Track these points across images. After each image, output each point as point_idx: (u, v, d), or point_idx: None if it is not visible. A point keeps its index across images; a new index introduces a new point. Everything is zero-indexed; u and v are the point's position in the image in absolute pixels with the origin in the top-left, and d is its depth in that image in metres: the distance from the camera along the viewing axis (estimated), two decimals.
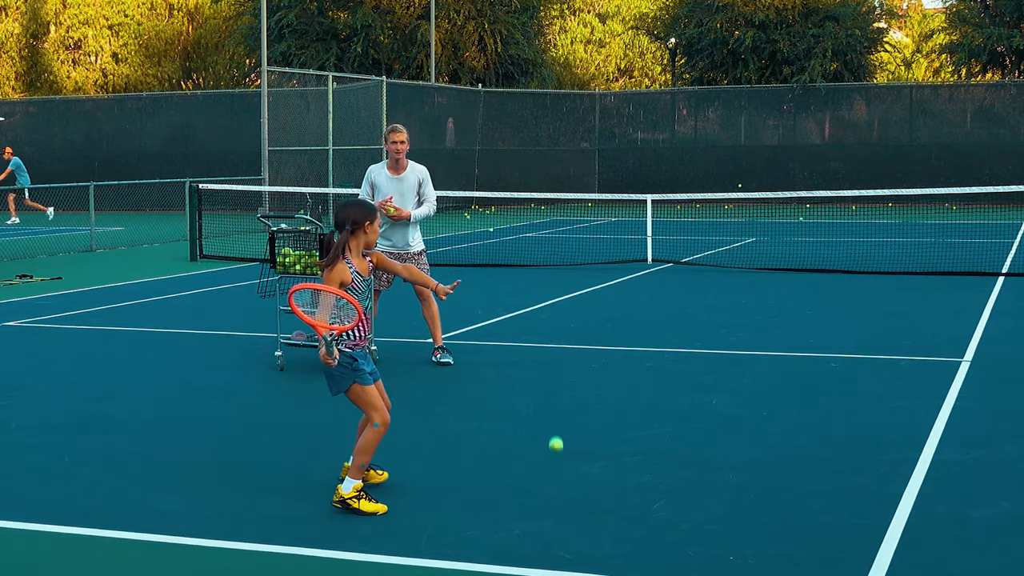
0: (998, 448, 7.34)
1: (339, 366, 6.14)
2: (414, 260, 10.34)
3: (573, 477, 6.74)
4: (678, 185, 33.97)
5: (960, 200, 32.13)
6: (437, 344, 10.35)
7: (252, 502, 6.27)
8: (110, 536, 5.81)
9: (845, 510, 6.09)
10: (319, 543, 5.64)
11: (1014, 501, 6.22)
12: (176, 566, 5.48)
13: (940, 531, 5.79)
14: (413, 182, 10.38)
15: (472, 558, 5.43)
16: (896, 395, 8.87)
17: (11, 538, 5.83)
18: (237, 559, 5.54)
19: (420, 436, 7.82)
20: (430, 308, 10.37)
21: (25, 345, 11.70)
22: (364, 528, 5.86)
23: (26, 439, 7.80)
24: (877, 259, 18.25)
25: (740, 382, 9.43)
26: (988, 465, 6.96)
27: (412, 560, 5.42)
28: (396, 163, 10.39)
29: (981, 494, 6.36)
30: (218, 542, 5.70)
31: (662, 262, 18.30)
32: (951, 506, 6.16)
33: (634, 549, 5.55)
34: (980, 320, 12.35)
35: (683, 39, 40.65)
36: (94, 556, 5.60)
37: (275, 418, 8.46)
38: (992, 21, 37.80)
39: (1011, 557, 5.44)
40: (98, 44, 49.22)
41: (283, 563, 5.45)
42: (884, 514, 5.96)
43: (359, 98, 29.43)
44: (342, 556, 5.49)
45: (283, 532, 5.80)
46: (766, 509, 6.13)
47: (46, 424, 8.22)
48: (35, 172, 34.04)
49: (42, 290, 15.87)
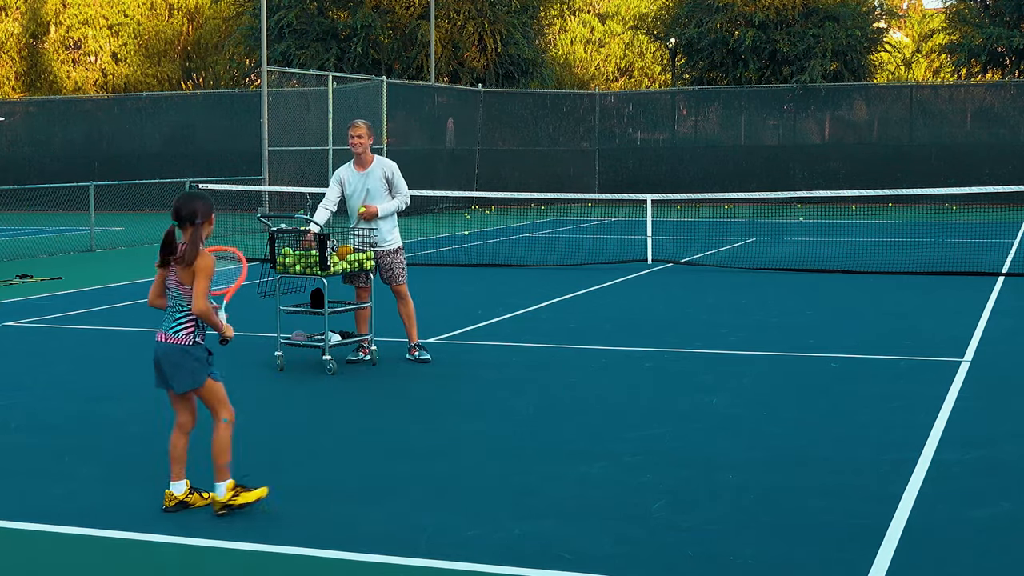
0: (998, 448, 7.34)
1: (194, 360, 6.05)
2: (391, 258, 10.34)
3: (573, 477, 6.74)
4: (678, 185, 33.97)
5: (960, 200, 32.12)
6: (413, 342, 10.40)
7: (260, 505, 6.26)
8: (110, 536, 5.81)
9: (845, 510, 6.09)
10: (320, 543, 5.64)
11: (1014, 501, 6.23)
12: (175, 566, 5.48)
13: (940, 531, 5.79)
14: (379, 176, 10.27)
15: (472, 558, 5.42)
16: (896, 395, 8.87)
17: (11, 538, 5.83)
18: (237, 559, 5.54)
19: (420, 435, 7.83)
20: (406, 306, 10.41)
21: (25, 345, 11.70)
22: (364, 528, 5.86)
23: (26, 439, 7.80)
24: (877, 259, 18.25)
25: (740, 382, 9.43)
26: (988, 465, 6.96)
27: (412, 560, 5.41)
28: (359, 157, 10.31)
29: (981, 494, 6.36)
30: (218, 542, 5.70)
31: (662, 262, 18.30)
32: (951, 506, 6.16)
33: (634, 549, 5.55)
34: (980, 320, 12.35)
35: (683, 39, 40.66)
36: (93, 556, 5.60)
37: (276, 418, 8.46)
38: (992, 21, 37.81)
39: (1011, 557, 5.44)
40: (98, 44, 49.24)
41: (283, 563, 5.45)
42: (884, 514, 5.96)
43: (359, 98, 29.42)
44: (343, 556, 5.49)
45: (284, 533, 5.80)
46: (766, 509, 6.13)
47: (46, 424, 8.22)
48: (35, 172, 34.09)
49: (42, 290, 15.88)
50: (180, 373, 6.09)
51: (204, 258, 6.08)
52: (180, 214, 6.14)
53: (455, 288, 15.12)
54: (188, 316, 6.10)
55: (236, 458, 6.24)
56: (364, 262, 10.09)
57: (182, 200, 6.22)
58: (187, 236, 6.11)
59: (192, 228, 6.10)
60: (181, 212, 6.15)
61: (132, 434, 7.88)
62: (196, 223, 6.10)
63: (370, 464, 7.12)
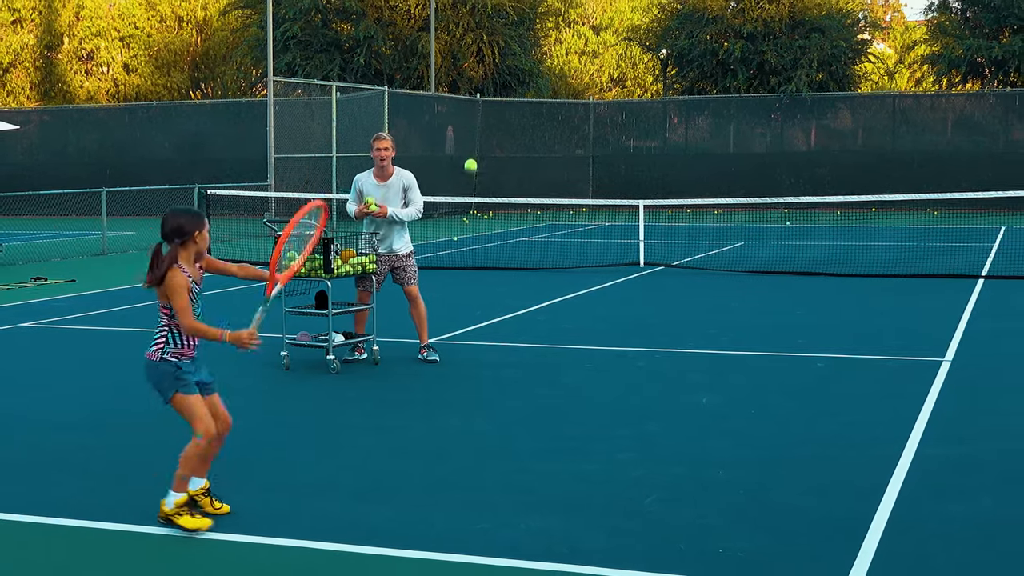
0: (978, 445, 7.35)
1: (160, 374, 5.89)
2: (403, 261, 10.39)
3: (569, 474, 6.75)
4: (669, 191, 33.97)
5: (941, 205, 32.11)
6: (423, 343, 10.42)
7: (260, 498, 6.26)
8: (124, 529, 5.81)
9: (831, 504, 6.10)
10: (325, 537, 5.64)
11: (993, 496, 6.23)
12: (188, 559, 5.48)
13: (922, 525, 5.80)
14: (399, 187, 10.39)
15: (472, 551, 5.43)
16: (880, 394, 8.88)
17: (28, 532, 5.84)
18: (246, 552, 5.54)
19: (421, 434, 7.83)
20: (417, 309, 10.44)
21: (40, 345, 11.69)
22: (370, 524, 5.86)
23: (42, 437, 7.80)
24: (861, 262, 18.25)
25: (729, 381, 9.43)
26: (968, 461, 6.97)
27: (415, 553, 5.42)
28: (382, 170, 10.39)
29: (962, 489, 6.37)
30: (229, 536, 5.70)
31: (654, 265, 18.29)
32: (933, 501, 6.17)
33: (628, 542, 5.56)
34: (960, 321, 12.36)
35: (674, 50, 40.64)
36: (108, 549, 5.60)
37: (281, 415, 8.46)
38: (972, 33, 37.83)
39: (991, 550, 5.45)
40: (110, 55, 49.21)
41: (293, 556, 5.45)
42: (868, 508, 5.97)
43: (362, 107, 29.43)
44: (348, 549, 5.49)
45: (294, 527, 5.80)
46: (754, 504, 6.14)
47: (61, 422, 8.22)
48: (49, 178, 34.02)
49: (56, 292, 15.87)
50: (153, 386, 5.96)
51: (174, 277, 5.81)
52: (163, 230, 5.87)
53: (455, 290, 15.08)
54: (162, 332, 5.94)
55: (244, 450, 6.23)
56: (367, 265, 10.13)
57: (167, 215, 5.90)
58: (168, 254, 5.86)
59: (173, 246, 5.84)
60: (164, 228, 5.87)
61: (144, 431, 7.88)
62: (177, 242, 5.83)
63: (373, 460, 7.12)
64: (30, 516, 6.03)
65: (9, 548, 5.63)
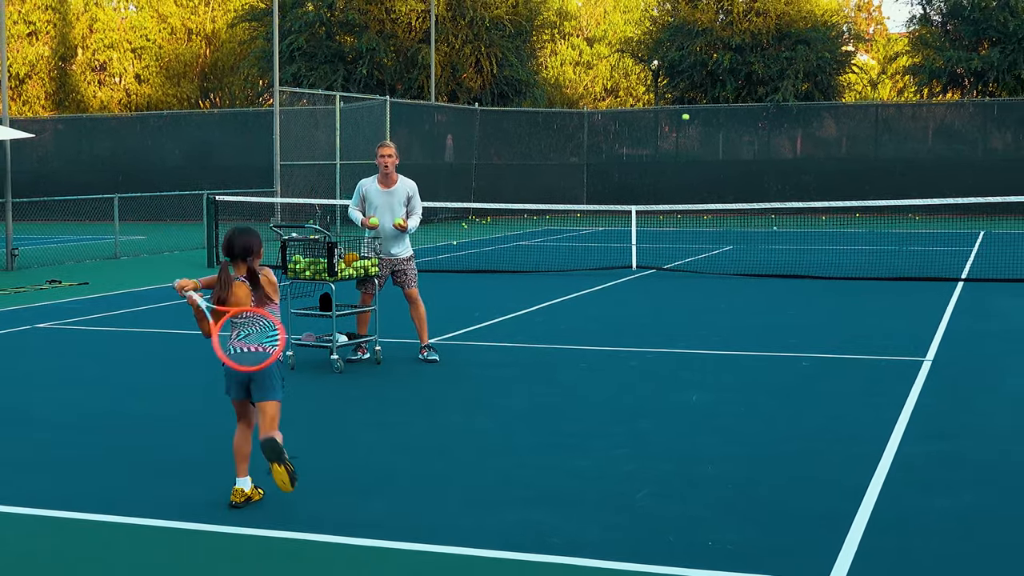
0: (958, 442, 7.35)
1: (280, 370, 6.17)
2: (404, 264, 10.42)
3: (564, 469, 6.74)
4: (660, 197, 33.97)
5: (922, 211, 32.20)
6: (424, 343, 10.42)
7: (266, 491, 6.25)
8: (135, 523, 5.81)
9: (816, 499, 6.10)
10: (327, 530, 5.64)
11: (973, 491, 6.23)
12: (199, 552, 5.47)
13: (904, 519, 5.79)
14: (402, 195, 10.38)
15: (470, 543, 5.43)
16: (863, 392, 8.88)
17: (42, 526, 5.83)
18: (253, 545, 5.53)
19: (422, 431, 7.82)
20: (417, 310, 10.44)
21: (54, 346, 11.68)
22: (371, 516, 5.86)
23: (56, 435, 7.79)
24: (845, 266, 18.26)
25: (719, 380, 9.43)
26: (949, 458, 6.97)
27: (414, 545, 5.42)
28: (386, 176, 10.39)
29: (943, 485, 6.37)
30: (240, 529, 5.70)
31: (646, 268, 18.29)
32: (914, 496, 6.17)
33: (619, 535, 5.55)
34: (941, 322, 12.36)
35: (665, 61, 40.68)
36: (121, 542, 5.60)
37: (286, 412, 8.43)
38: (952, 45, 37.87)
39: (971, 544, 5.45)
40: (122, 66, 49.20)
41: (292, 548, 5.45)
42: (852, 503, 5.97)
43: (364, 116, 29.42)
44: (348, 541, 5.49)
45: (294, 519, 5.80)
46: (742, 498, 6.13)
47: (74, 421, 8.21)
48: (64, 185, 33.99)
49: (70, 294, 15.85)
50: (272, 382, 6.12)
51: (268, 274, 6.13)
52: (239, 247, 5.99)
53: (455, 292, 15.08)
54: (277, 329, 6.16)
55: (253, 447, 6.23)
56: (369, 268, 10.12)
57: (238, 233, 6.03)
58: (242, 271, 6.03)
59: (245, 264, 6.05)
60: (239, 246, 5.99)
61: (156, 430, 7.87)
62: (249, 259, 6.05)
63: (375, 455, 7.12)
64: (48, 511, 6.02)
65: (27, 540, 5.62)
